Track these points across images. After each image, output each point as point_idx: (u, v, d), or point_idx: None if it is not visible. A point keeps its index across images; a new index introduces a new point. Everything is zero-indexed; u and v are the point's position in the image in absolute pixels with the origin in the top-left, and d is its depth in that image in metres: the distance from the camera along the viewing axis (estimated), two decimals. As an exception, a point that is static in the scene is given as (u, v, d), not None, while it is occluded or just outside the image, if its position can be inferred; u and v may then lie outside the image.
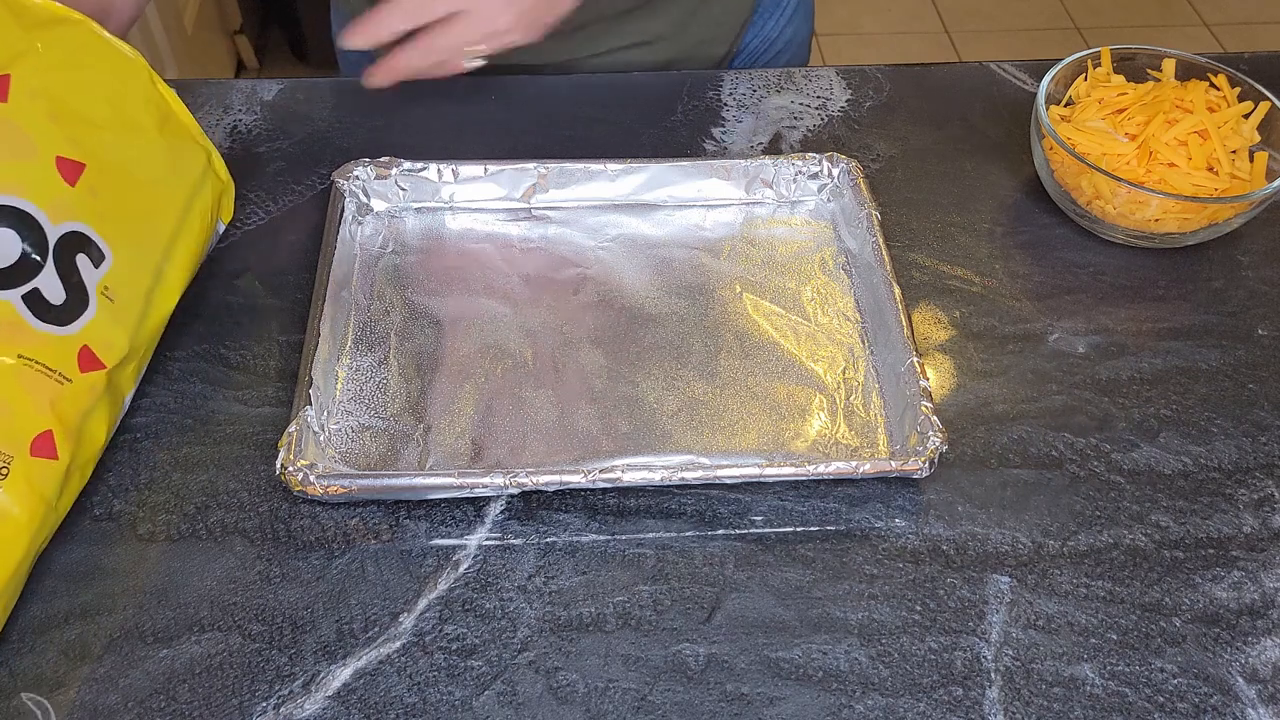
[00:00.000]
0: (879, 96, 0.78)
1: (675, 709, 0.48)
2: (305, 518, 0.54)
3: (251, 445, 0.57)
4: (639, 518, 0.54)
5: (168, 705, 0.48)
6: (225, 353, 0.61)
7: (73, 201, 0.52)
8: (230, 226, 0.67)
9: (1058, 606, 0.52)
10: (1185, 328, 0.64)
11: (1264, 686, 0.49)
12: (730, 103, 0.77)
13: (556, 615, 0.51)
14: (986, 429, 0.58)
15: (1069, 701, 0.48)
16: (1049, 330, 0.63)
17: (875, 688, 0.49)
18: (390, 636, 0.50)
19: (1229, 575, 0.53)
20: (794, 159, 0.69)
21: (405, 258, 0.66)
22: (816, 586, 0.52)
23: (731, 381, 0.59)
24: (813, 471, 0.53)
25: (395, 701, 0.48)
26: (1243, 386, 0.61)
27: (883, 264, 0.62)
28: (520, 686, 0.49)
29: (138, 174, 0.55)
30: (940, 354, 0.62)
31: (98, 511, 0.54)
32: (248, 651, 0.49)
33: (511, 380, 0.59)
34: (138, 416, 0.58)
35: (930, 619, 0.51)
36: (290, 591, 0.51)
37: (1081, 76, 0.71)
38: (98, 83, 0.54)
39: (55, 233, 0.51)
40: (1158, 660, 0.50)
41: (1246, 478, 0.57)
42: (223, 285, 0.64)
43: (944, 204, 0.71)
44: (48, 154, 0.51)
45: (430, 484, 0.53)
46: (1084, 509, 0.55)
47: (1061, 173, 0.67)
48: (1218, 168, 0.65)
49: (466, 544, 0.53)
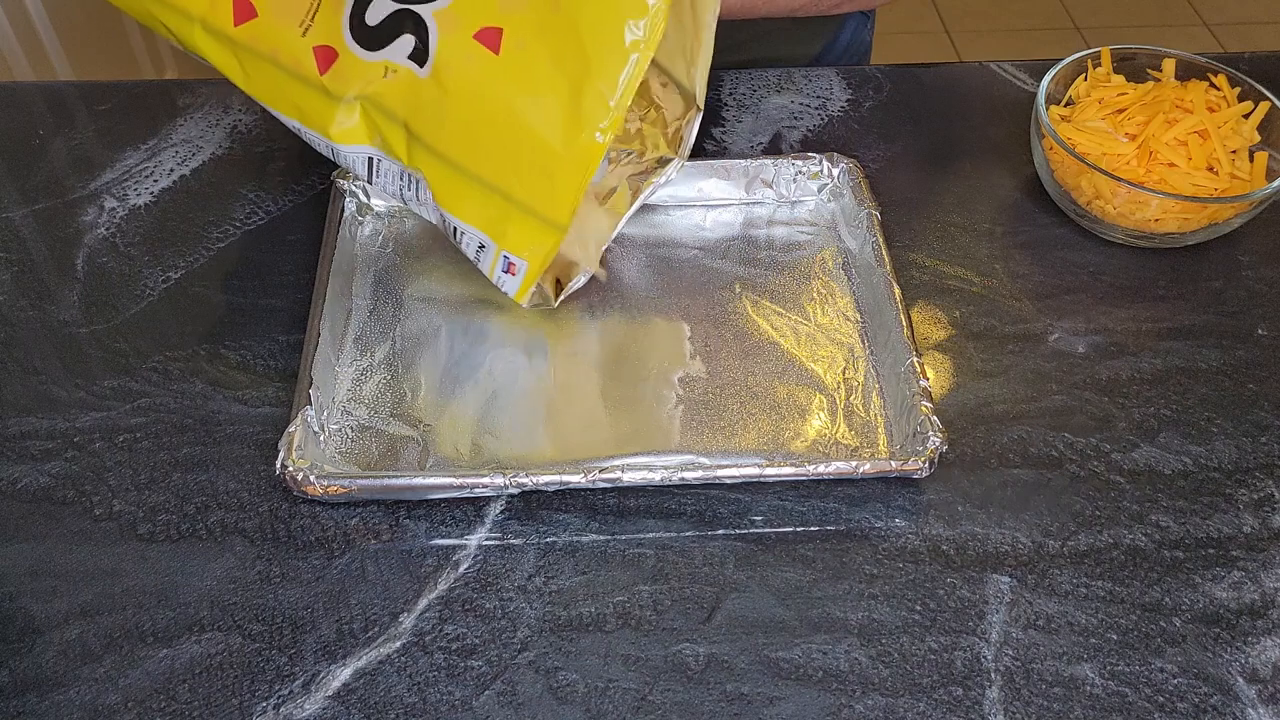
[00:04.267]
0: (879, 96, 0.78)
1: (675, 709, 0.48)
2: (305, 518, 0.54)
3: (251, 445, 0.57)
4: (639, 518, 0.54)
5: (168, 705, 0.48)
6: (225, 353, 0.61)
7: None
8: (230, 226, 0.68)
9: (1058, 606, 0.52)
10: (1185, 328, 0.64)
11: (1264, 686, 0.49)
12: (730, 103, 0.77)
13: (556, 615, 0.51)
14: (986, 429, 0.58)
15: (1069, 701, 0.48)
16: (1049, 330, 0.63)
17: (875, 688, 0.49)
18: (390, 636, 0.50)
19: (1229, 575, 0.53)
20: (794, 159, 0.68)
21: (405, 257, 0.66)
22: (816, 586, 0.52)
23: (731, 381, 0.59)
24: (813, 471, 0.53)
25: (395, 701, 0.48)
26: (1243, 386, 0.61)
27: (883, 264, 0.62)
28: (520, 686, 0.49)
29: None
30: (940, 354, 0.62)
31: (98, 511, 0.54)
32: (248, 651, 0.49)
33: (511, 380, 0.59)
34: (137, 417, 0.58)
35: (930, 619, 0.51)
36: (290, 591, 0.51)
37: (1081, 76, 0.71)
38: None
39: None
40: (1158, 660, 0.50)
41: (1246, 478, 0.57)
42: (223, 285, 0.64)
43: (944, 204, 0.71)
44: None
45: (430, 484, 0.53)
46: (1084, 509, 0.55)
47: (1061, 173, 0.67)
48: (1218, 168, 0.65)
49: (466, 544, 0.53)
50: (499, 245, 0.54)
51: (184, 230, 0.67)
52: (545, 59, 0.50)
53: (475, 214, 0.53)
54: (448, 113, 0.52)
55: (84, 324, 0.62)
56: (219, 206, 0.69)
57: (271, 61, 0.54)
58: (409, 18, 0.51)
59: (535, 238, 0.53)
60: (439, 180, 0.53)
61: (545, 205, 0.52)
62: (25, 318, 0.63)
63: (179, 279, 0.65)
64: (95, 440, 0.57)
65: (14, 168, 0.71)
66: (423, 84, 0.51)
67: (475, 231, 0.54)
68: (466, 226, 0.54)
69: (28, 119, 0.75)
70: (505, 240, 0.53)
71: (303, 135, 0.57)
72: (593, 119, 0.50)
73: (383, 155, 0.54)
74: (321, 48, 0.53)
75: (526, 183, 0.52)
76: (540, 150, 0.51)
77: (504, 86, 0.51)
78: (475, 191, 0.53)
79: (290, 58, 0.53)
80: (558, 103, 0.50)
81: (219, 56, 0.55)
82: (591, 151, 0.51)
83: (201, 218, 0.68)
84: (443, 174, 0.53)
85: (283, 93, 0.55)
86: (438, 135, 0.52)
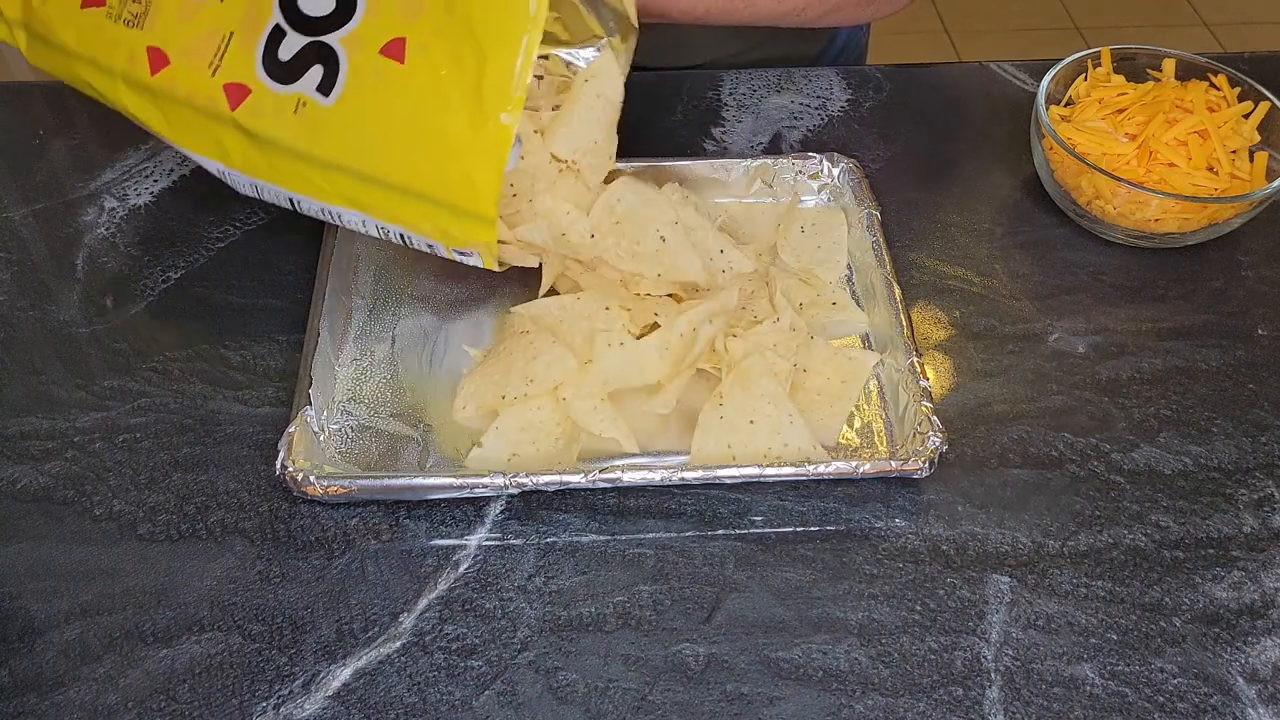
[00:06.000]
0: (879, 96, 0.78)
1: (675, 709, 0.48)
2: (305, 518, 0.54)
3: (251, 445, 0.57)
4: (639, 518, 0.54)
5: (168, 705, 0.48)
6: (225, 353, 0.61)
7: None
8: (230, 226, 0.68)
9: (1058, 606, 0.52)
10: (1185, 328, 0.64)
11: (1264, 686, 0.49)
12: (730, 103, 0.77)
13: (556, 615, 0.51)
14: (986, 429, 0.58)
15: (1069, 701, 0.48)
16: (1049, 330, 0.63)
17: (875, 688, 0.49)
18: (390, 636, 0.50)
19: (1229, 575, 0.53)
20: (794, 159, 0.68)
21: (405, 256, 0.65)
22: (816, 586, 0.52)
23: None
24: (813, 471, 0.53)
25: (395, 701, 0.48)
26: (1243, 386, 0.61)
27: (883, 264, 0.62)
28: (520, 686, 0.49)
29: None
30: (940, 354, 0.62)
31: (98, 511, 0.54)
32: (248, 651, 0.49)
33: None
34: (137, 417, 0.58)
35: (930, 619, 0.51)
36: (290, 591, 0.51)
37: (1081, 76, 0.71)
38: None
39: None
40: (1158, 660, 0.50)
41: (1246, 478, 0.57)
42: (223, 285, 0.64)
43: (944, 204, 0.71)
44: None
45: (430, 484, 0.53)
46: (1084, 509, 0.55)
47: (1061, 173, 0.67)
48: (1218, 168, 0.65)
49: (466, 544, 0.53)
50: (446, 245, 0.55)
51: (184, 230, 0.67)
52: (445, 58, 0.52)
53: (415, 223, 0.55)
54: (366, 132, 0.54)
55: (84, 324, 0.62)
56: (219, 206, 0.69)
57: (188, 105, 0.56)
58: (319, 49, 0.54)
59: (472, 234, 0.54)
60: (370, 199, 0.55)
61: (469, 200, 0.53)
62: (25, 318, 0.63)
63: (179, 279, 0.65)
64: (95, 440, 0.57)
65: (14, 168, 0.71)
66: (329, 113, 0.54)
67: (420, 238, 0.56)
68: (411, 234, 0.56)
69: (28, 119, 0.75)
70: (450, 239, 0.55)
71: (226, 179, 0.59)
72: (495, 106, 0.52)
73: (300, 196, 0.57)
74: (232, 85, 0.55)
75: (449, 182, 0.53)
76: (453, 145, 0.53)
77: (412, 93, 0.53)
78: (408, 203, 0.54)
79: (205, 98, 0.56)
80: (462, 97, 0.52)
81: (142, 109, 0.58)
82: (499, 137, 0.52)
83: (201, 218, 0.68)
84: (373, 195, 0.55)
85: (205, 133, 0.57)
86: (358, 158, 0.54)
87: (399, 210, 0.55)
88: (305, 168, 0.55)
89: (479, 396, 0.57)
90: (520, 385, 0.56)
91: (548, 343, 0.57)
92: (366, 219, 0.56)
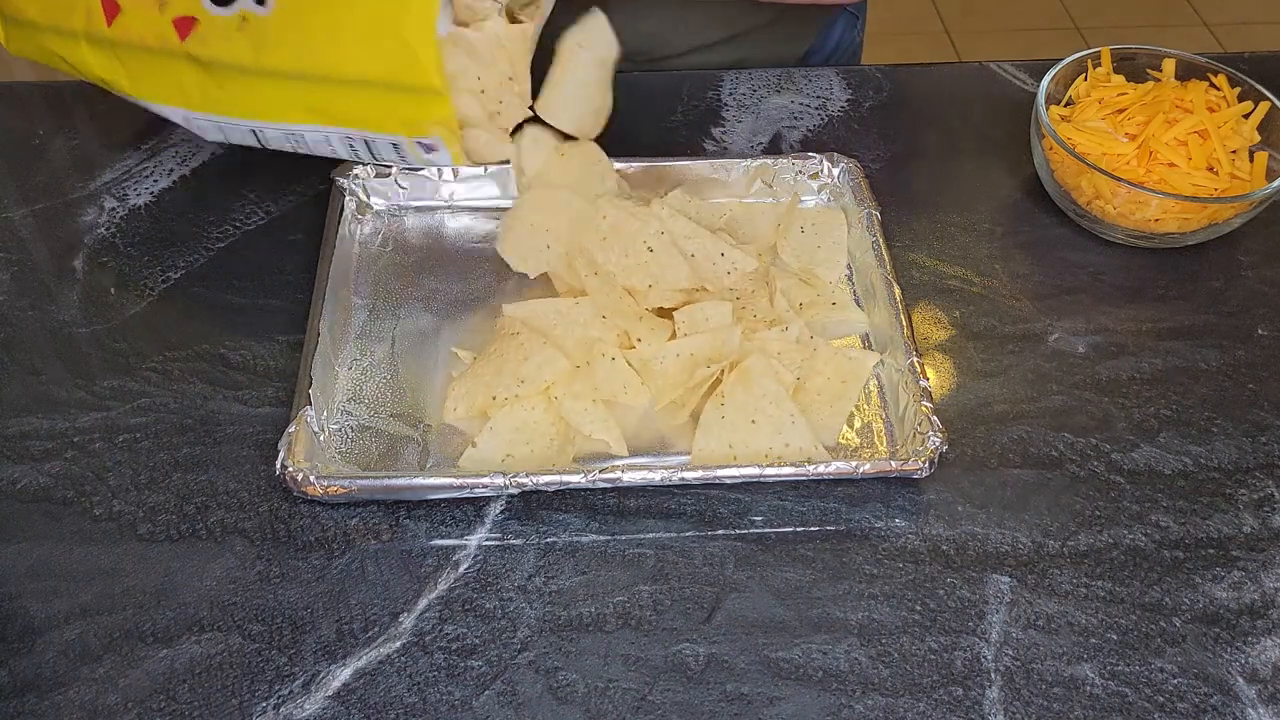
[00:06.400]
0: (879, 96, 0.78)
1: (675, 709, 0.48)
2: (305, 518, 0.54)
3: (251, 445, 0.57)
4: (639, 518, 0.54)
5: (168, 705, 0.48)
6: (225, 353, 0.61)
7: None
8: (230, 226, 0.68)
9: (1058, 606, 0.52)
10: (1185, 328, 0.64)
11: (1264, 686, 0.49)
12: (730, 103, 0.77)
13: (556, 615, 0.51)
14: (986, 429, 0.58)
15: (1069, 701, 0.48)
16: (1049, 330, 0.63)
17: (875, 688, 0.49)
18: (390, 636, 0.50)
19: (1229, 575, 0.53)
20: (794, 159, 0.68)
21: (405, 256, 0.66)
22: (816, 586, 0.52)
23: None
24: (813, 471, 0.53)
25: (395, 701, 0.48)
26: (1243, 386, 0.61)
27: (883, 264, 0.62)
28: (520, 686, 0.49)
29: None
30: (940, 354, 0.62)
31: (98, 512, 0.54)
32: (248, 651, 0.49)
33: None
34: (137, 417, 0.58)
35: (930, 619, 0.51)
36: (290, 591, 0.51)
37: (1081, 76, 0.71)
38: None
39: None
40: (1158, 660, 0.50)
41: (1246, 478, 0.57)
42: (223, 285, 0.64)
43: (944, 204, 0.71)
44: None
45: (430, 484, 0.53)
46: (1084, 509, 0.55)
47: (1061, 173, 0.67)
48: (1218, 168, 0.65)
49: (466, 544, 0.53)
50: (410, 137, 0.56)
51: (184, 230, 0.67)
52: None
53: (376, 120, 0.56)
54: (305, 30, 0.55)
55: (84, 324, 0.62)
56: (219, 206, 0.69)
57: (143, 48, 0.58)
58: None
59: (427, 110, 0.55)
60: (326, 103, 0.56)
61: (413, 72, 0.54)
62: (25, 318, 0.63)
63: (179, 279, 0.65)
64: (95, 440, 0.57)
65: (14, 168, 0.71)
66: (269, 21, 0.55)
67: (384, 138, 0.56)
68: (375, 137, 0.56)
69: (28, 119, 0.75)
70: (411, 127, 0.56)
71: (192, 126, 0.60)
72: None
73: (263, 125, 0.58)
74: (180, 18, 0.57)
75: (391, 57, 0.54)
76: (386, 18, 0.54)
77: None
78: (362, 96, 0.55)
79: (157, 36, 0.57)
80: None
81: (106, 67, 0.60)
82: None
83: (201, 218, 0.68)
84: (328, 97, 0.56)
85: (165, 75, 0.58)
86: (304, 58, 0.55)
87: (356, 109, 0.56)
88: (260, 84, 0.56)
89: (469, 398, 0.57)
90: (511, 386, 0.56)
91: (539, 344, 0.57)
92: (330, 133, 0.57)
